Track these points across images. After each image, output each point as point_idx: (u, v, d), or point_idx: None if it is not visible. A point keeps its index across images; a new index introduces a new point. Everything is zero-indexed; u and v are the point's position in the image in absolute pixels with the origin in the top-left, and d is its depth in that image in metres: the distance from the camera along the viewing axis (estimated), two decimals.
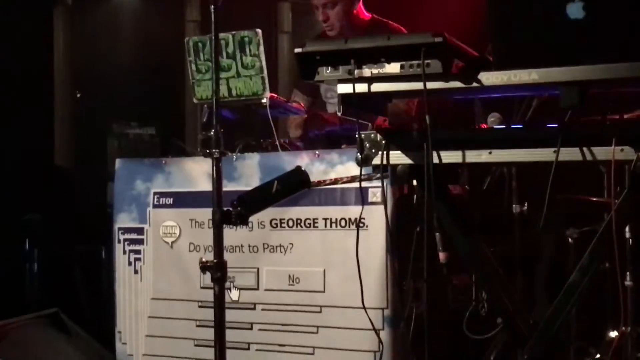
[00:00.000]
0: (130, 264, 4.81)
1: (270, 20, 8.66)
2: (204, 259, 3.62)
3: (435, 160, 3.23)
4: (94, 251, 6.34)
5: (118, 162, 4.95)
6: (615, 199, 3.30)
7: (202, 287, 4.43)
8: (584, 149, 3.09)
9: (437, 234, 3.42)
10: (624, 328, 4.49)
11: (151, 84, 8.45)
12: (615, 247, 3.29)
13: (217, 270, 3.57)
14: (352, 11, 5.12)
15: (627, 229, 4.44)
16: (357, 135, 3.35)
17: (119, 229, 4.85)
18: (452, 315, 4.29)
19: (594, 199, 4.68)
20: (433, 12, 5.23)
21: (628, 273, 4.49)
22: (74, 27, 8.32)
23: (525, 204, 4.59)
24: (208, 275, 3.61)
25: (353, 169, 4.01)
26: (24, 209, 6.84)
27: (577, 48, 2.95)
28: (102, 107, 8.20)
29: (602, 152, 3.07)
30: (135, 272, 4.78)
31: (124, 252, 4.83)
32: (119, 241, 4.84)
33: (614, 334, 4.61)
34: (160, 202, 4.74)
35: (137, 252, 4.78)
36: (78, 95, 8.33)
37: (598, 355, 4.68)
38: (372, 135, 3.36)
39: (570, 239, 4.79)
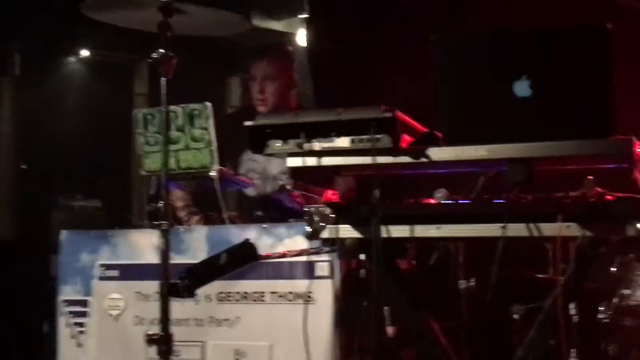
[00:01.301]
0: (73, 337, 4.73)
1: (220, 94, 8.73)
2: (150, 332, 3.59)
3: (384, 234, 3.24)
4: (36, 326, 6.24)
5: (63, 234, 4.90)
6: (561, 276, 3.34)
7: None
8: (531, 224, 3.13)
9: (386, 308, 3.42)
10: None
11: (97, 156, 8.44)
12: (560, 324, 3.31)
13: (163, 343, 3.53)
14: (288, 92, 5.13)
15: (572, 306, 4.48)
16: (307, 209, 3.36)
17: (63, 301, 4.78)
18: None
19: (540, 276, 4.71)
20: (382, 87, 5.23)
21: (573, 351, 4.51)
22: (20, 97, 8.29)
23: (472, 280, 4.61)
24: (153, 348, 3.58)
25: (301, 243, 4.02)
26: None
27: (524, 125, 2.99)
28: (47, 179, 8.14)
29: (548, 229, 3.11)
30: (79, 345, 4.71)
31: (67, 325, 4.76)
32: (63, 314, 4.77)
33: None
34: (106, 275, 4.68)
35: (81, 324, 4.71)
36: (23, 167, 8.27)
37: None
38: (321, 209, 3.37)
39: (515, 316, 4.81)
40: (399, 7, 5.87)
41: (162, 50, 3.54)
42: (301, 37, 7.94)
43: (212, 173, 4.47)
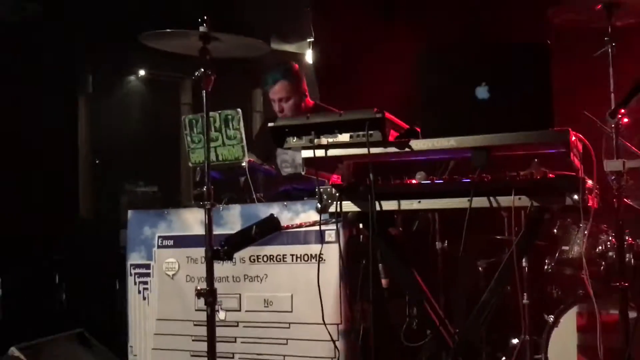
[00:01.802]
0: (139, 292, 4.74)
1: (247, 103, 8.74)
2: (198, 287, 3.60)
3: (377, 208, 3.24)
4: (111, 284, 6.25)
5: (130, 213, 4.90)
6: (515, 237, 3.34)
7: (196, 310, 4.36)
8: (491, 198, 3.12)
9: (380, 265, 3.43)
10: (523, 337, 4.50)
11: (154, 153, 8.44)
12: (515, 273, 3.31)
13: (209, 296, 3.54)
14: (301, 103, 5.10)
15: (524, 259, 4.48)
16: (317, 189, 3.37)
17: (131, 265, 4.79)
18: (392, 328, 4.28)
19: (498, 237, 4.71)
20: (373, 93, 5.20)
21: (525, 294, 4.51)
22: (94, 109, 8.29)
23: (445, 242, 4.60)
24: (201, 300, 3.59)
25: (313, 216, 4.02)
26: (54, 251, 6.77)
27: (484, 121, 2.98)
28: (116, 170, 8.14)
29: (504, 201, 3.10)
30: (144, 298, 4.72)
31: (135, 284, 4.77)
32: (131, 275, 4.78)
33: (515, 341, 4.62)
34: (163, 244, 4.69)
35: (145, 283, 4.72)
36: (97, 162, 8.27)
37: (504, 359, 4.69)
38: (329, 189, 3.37)
39: (480, 269, 4.81)
40: (384, 31, 5.85)
41: (202, 70, 3.54)
42: (308, 56, 7.91)
43: (243, 163, 4.47)
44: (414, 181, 3.45)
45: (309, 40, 7.79)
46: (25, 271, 6.69)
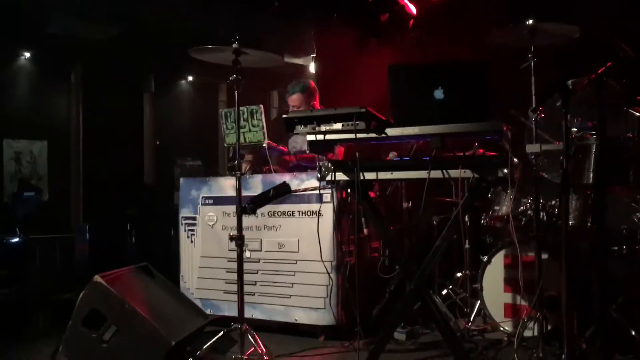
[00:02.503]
0: (188, 237, 4.74)
1: (267, 99, 8.69)
2: (231, 234, 3.59)
3: (361, 177, 3.22)
4: (167, 231, 6.25)
5: (182, 180, 4.89)
6: (460, 200, 3.33)
7: (229, 250, 4.37)
8: (444, 171, 3.10)
9: (362, 218, 3.42)
10: (465, 271, 4.51)
11: (199, 136, 8.40)
12: (460, 226, 3.30)
13: (238, 239, 3.53)
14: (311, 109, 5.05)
15: (466, 217, 4.47)
16: (317, 164, 3.35)
17: (182, 217, 4.78)
18: (370, 264, 4.28)
19: (448, 199, 4.69)
20: (359, 94, 5.14)
21: (467, 241, 4.51)
22: (155, 104, 8.22)
23: (410, 202, 4.58)
24: (233, 243, 3.58)
25: (315, 183, 4.00)
26: (126, 206, 6.76)
27: (440, 115, 2.96)
28: (171, 149, 8.10)
29: (453, 173, 3.09)
30: (191, 241, 4.72)
31: (185, 231, 4.76)
32: (182, 224, 4.78)
33: (459, 274, 4.63)
34: (205, 202, 4.68)
35: (192, 230, 4.72)
36: (157, 143, 8.22)
37: (450, 287, 4.70)
38: (326, 164, 3.35)
39: (434, 222, 4.80)
40: (369, 50, 5.79)
41: (234, 75, 3.50)
42: (312, 67, 7.85)
43: (264, 145, 4.45)
44: (388, 158, 3.44)
45: (312, 55, 7.72)
46: (106, 221, 6.68)
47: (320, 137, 3.20)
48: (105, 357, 3.46)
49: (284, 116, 3.22)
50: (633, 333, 3.56)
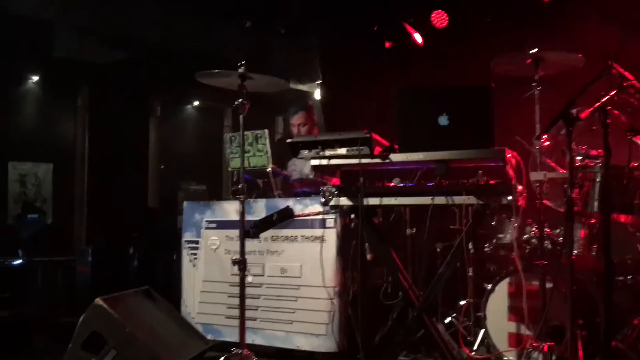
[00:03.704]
0: (190, 261, 4.71)
1: (271, 126, 8.73)
2: (233, 258, 3.57)
3: (365, 203, 3.22)
4: (170, 255, 6.23)
5: (185, 204, 4.88)
6: (464, 227, 3.31)
7: (231, 274, 4.32)
8: (448, 197, 3.10)
9: (366, 244, 3.40)
10: (468, 299, 4.46)
11: (204, 160, 8.44)
12: (464, 253, 3.28)
13: (241, 264, 3.52)
14: (312, 130, 5.08)
15: (470, 243, 4.43)
16: (321, 188, 3.34)
17: (185, 241, 4.76)
18: (374, 290, 4.24)
19: (452, 227, 4.65)
20: (364, 119, 5.14)
21: (470, 268, 4.47)
22: (161, 128, 8.29)
23: (414, 229, 4.55)
24: (235, 267, 3.56)
25: (318, 208, 4.00)
26: (129, 230, 6.76)
27: (444, 141, 2.96)
28: (176, 173, 8.13)
29: (457, 199, 3.08)
30: (194, 265, 4.69)
31: (187, 254, 4.74)
32: (185, 248, 4.76)
33: (463, 302, 4.57)
34: (209, 226, 4.66)
35: (195, 254, 4.69)
36: (162, 167, 8.25)
37: (454, 315, 4.64)
38: (330, 188, 3.35)
39: (438, 249, 4.76)
40: (373, 76, 5.82)
41: (240, 99, 3.52)
42: (317, 94, 7.90)
43: (268, 169, 4.45)
44: (391, 184, 3.43)
45: (317, 82, 7.78)
46: (109, 244, 6.67)
47: (324, 162, 3.20)
48: None
49: (288, 141, 3.23)
50: None
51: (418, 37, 5.74)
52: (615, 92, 2.69)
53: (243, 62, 3.45)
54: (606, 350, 3.37)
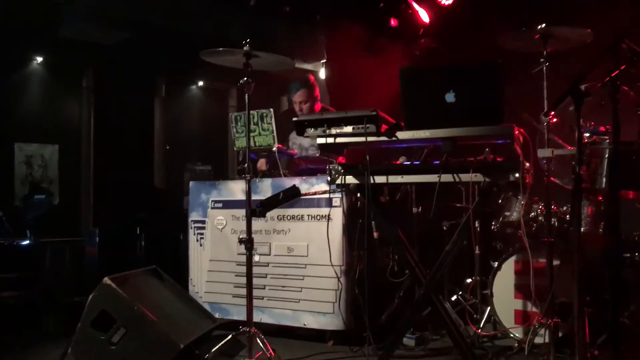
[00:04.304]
0: (197, 240, 4.73)
1: (277, 105, 8.68)
2: (240, 237, 3.58)
3: (371, 181, 3.20)
4: (177, 235, 6.24)
5: (191, 184, 4.89)
6: (471, 205, 3.29)
7: (238, 254, 4.36)
8: (454, 175, 3.08)
9: (373, 222, 3.39)
10: (475, 277, 4.47)
11: (210, 140, 8.42)
12: (470, 231, 3.27)
13: (247, 242, 3.52)
14: (314, 105, 5.05)
15: (477, 222, 4.43)
16: (327, 167, 3.33)
17: (192, 221, 4.78)
18: (380, 269, 4.24)
19: (459, 205, 4.65)
20: (369, 98, 5.12)
21: (477, 246, 4.47)
22: (166, 109, 8.26)
23: (420, 207, 4.54)
24: (242, 246, 3.57)
25: (324, 186, 4.00)
26: (136, 210, 6.76)
27: (451, 118, 2.93)
28: (181, 154, 8.12)
29: (464, 177, 3.06)
30: (201, 245, 4.71)
31: (194, 234, 4.75)
32: (191, 228, 4.77)
33: (469, 280, 4.58)
34: (215, 206, 4.67)
35: (202, 234, 4.71)
36: (167, 148, 8.24)
37: (460, 292, 4.66)
38: (336, 167, 3.33)
39: (445, 227, 4.76)
40: (378, 54, 5.78)
41: (245, 78, 3.50)
42: (322, 73, 7.84)
43: (274, 149, 4.43)
44: (398, 162, 3.42)
45: (322, 61, 7.72)
46: (116, 225, 6.69)
47: (330, 140, 3.18)
48: (113, 359, 3.45)
49: (294, 119, 3.20)
50: None
51: (424, 14, 5.68)
52: (624, 66, 2.66)
53: (248, 40, 3.42)
54: (613, 327, 3.38)
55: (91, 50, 6.98)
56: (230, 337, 3.59)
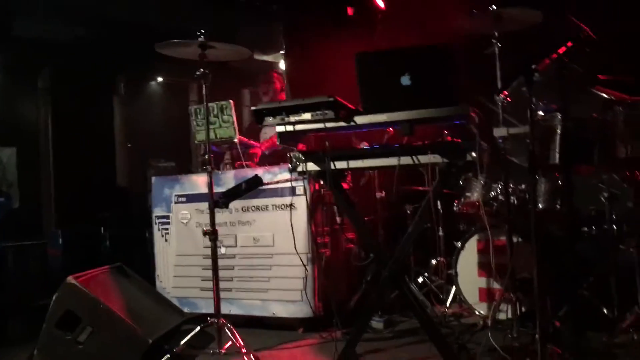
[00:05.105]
0: (162, 236, 4.71)
1: (239, 98, 8.62)
2: (204, 228, 3.57)
3: (332, 167, 3.22)
4: (142, 232, 6.18)
5: (153, 179, 4.87)
6: (431, 186, 3.33)
7: (204, 247, 4.35)
8: (414, 157, 3.10)
9: (335, 207, 3.41)
10: (439, 258, 4.54)
11: (170, 136, 8.33)
12: (432, 213, 3.31)
13: (212, 234, 3.51)
14: (278, 96, 5.09)
15: (439, 204, 4.50)
16: (288, 155, 3.33)
17: (156, 216, 4.75)
18: (346, 255, 4.29)
19: (421, 188, 4.72)
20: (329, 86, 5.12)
21: (440, 228, 4.54)
22: (126, 106, 8.15)
23: (384, 192, 4.60)
24: (207, 239, 3.56)
25: (287, 175, 4.00)
26: (100, 210, 6.68)
27: (408, 101, 2.95)
28: (144, 151, 8.01)
29: (423, 159, 3.08)
30: (166, 240, 4.69)
31: (159, 230, 4.73)
32: (156, 223, 4.74)
33: (434, 261, 4.66)
34: (179, 200, 4.65)
35: (166, 229, 4.69)
36: (129, 145, 8.14)
37: (426, 274, 4.71)
38: (297, 154, 3.34)
39: (408, 211, 4.82)
40: (337, 42, 5.77)
41: (202, 70, 3.48)
42: (282, 64, 7.82)
43: (235, 140, 4.43)
44: (359, 146, 3.44)
45: (281, 52, 7.70)
46: (80, 225, 6.59)
47: (289, 128, 3.18)
48: (81, 358, 3.42)
49: (252, 108, 3.20)
50: (604, 311, 3.63)
51: (380, 1, 5.71)
52: (571, 44, 2.72)
53: (203, 31, 3.40)
54: (573, 299, 3.49)
55: (46, 50, 6.84)
56: (198, 329, 3.58)
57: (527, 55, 2.81)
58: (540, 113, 3.26)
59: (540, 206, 3.80)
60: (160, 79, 8.54)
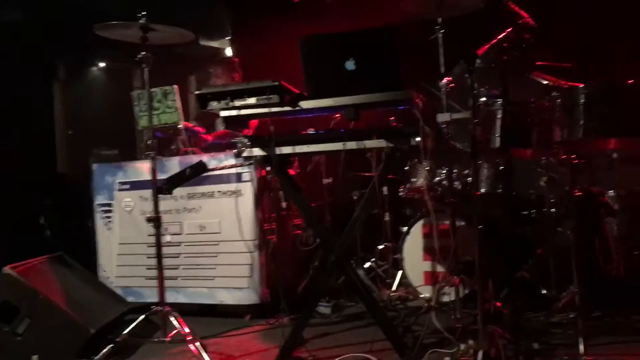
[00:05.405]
0: (105, 224, 4.61)
1: (184, 85, 8.47)
2: (148, 215, 3.51)
3: (278, 152, 3.20)
4: (84, 221, 6.02)
5: (94, 166, 4.77)
6: (376, 172, 3.36)
7: (148, 235, 4.26)
8: (359, 142, 3.12)
9: (281, 192, 3.40)
10: (386, 243, 4.59)
11: (113, 124, 8.13)
12: (378, 198, 3.34)
13: (155, 221, 3.45)
14: (232, 79, 5.05)
15: (385, 189, 4.54)
16: (232, 140, 3.30)
17: (97, 205, 4.65)
18: (293, 241, 4.29)
19: (367, 174, 4.75)
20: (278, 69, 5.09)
21: (387, 213, 4.59)
22: (66, 92, 7.91)
23: (330, 178, 4.60)
24: (152, 227, 3.49)
25: (232, 161, 3.97)
26: (41, 197, 6.49)
27: (353, 85, 2.95)
28: (86, 139, 7.81)
29: (368, 143, 3.11)
30: (109, 229, 4.59)
31: (101, 218, 4.62)
32: (98, 212, 4.64)
33: (381, 246, 4.71)
34: (122, 188, 4.56)
35: (109, 217, 4.59)
36: (70, 133, 7.91)
37: (373, 259, 4.77)
38: (242, 139, 3.30)
39: (354, 197, 4.84)
40: (285, 27, 5.74)
41: (143, 53, 3.40)
42: (228, 50, 7.73)
43: (180, 126, 4.36)
44: (305, 132, 3.43)
45: (227, 38, 7.61)
46: (19, 215, 6.38)
47: (234, 112, 3.15)
48: (20, 350, 3.32)
49: (196, 92, 3.15)
50: (544, 291, 3.75)
51: None
52: (510, 29, 2.78)
53: (144, 13, 3.32)
54: (513, 281, 3.59)
55: None
56: (142, 317, 3.52)
57: (468, 41, 2.86)
58: (483, 99, 3.32)
59: (482, 190, 3.88)
60: (102, 64, 8.32)
